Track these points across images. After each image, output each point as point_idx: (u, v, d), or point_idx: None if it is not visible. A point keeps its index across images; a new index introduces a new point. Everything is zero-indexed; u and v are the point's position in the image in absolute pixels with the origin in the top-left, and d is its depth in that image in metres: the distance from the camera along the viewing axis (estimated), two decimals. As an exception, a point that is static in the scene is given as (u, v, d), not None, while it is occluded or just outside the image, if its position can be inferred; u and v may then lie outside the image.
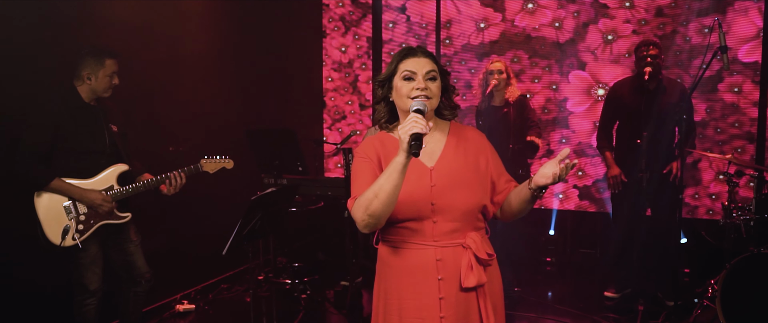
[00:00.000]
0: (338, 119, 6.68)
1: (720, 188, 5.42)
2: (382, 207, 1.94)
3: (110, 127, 3.43)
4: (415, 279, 2.10)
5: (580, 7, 5.71)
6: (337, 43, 6.60)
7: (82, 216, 3.31)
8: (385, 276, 2.17)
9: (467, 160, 2.14)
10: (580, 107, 5.83)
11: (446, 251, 2.08)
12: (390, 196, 1.93)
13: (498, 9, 5.97)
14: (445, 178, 2.09)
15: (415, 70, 2.09)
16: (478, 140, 2.21)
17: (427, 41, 6.25)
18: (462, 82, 6.18)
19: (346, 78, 6.62)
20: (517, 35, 5.94)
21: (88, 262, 3.33)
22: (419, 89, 2.05)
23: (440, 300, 2.08)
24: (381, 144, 2.16)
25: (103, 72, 3.35)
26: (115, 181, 3.41)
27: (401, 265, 2.11)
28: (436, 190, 2.07)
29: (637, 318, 4.24)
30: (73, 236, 3.27)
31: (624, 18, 5.58)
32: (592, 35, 5.70)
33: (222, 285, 5.16)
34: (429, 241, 2.08)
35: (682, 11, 5.40)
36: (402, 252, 2.11)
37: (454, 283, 2.08)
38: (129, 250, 3.54)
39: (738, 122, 5.32)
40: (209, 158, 3.66)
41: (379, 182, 1.93)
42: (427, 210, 2.06)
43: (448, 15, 6.14)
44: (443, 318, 2.07)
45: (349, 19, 6.53)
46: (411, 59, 2.12)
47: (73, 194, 3.28)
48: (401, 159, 1.90)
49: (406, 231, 2.09)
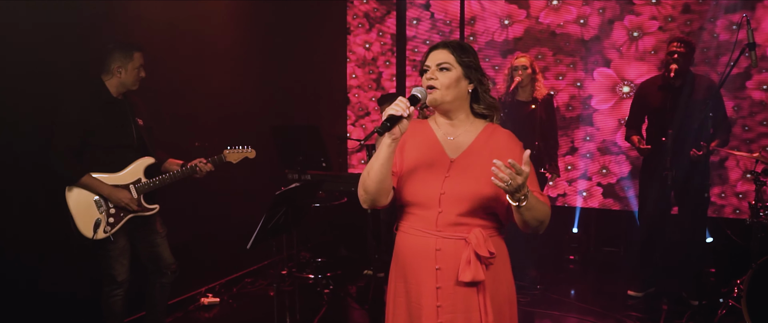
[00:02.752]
0: (362, 116, 6.71)
1: (747, 187, 5.35)
2: (372, 184, 2.08)
3: (136, 121, 3.50)
4: (415, 265, 2.15)
5: (605, 4, 5.67)
6: (361, 39, 6.63)
7: (112, 209, 3.39)
8: (395, 260, 2.26)
9: (483, 155, 2.13)
10: (604, 104, 5.79)
11: (448, 242, 2.10)
12: (377, 173, 2.05)
13: (522, 6, 5.95)
14: (461, 171, 2.11)
15: (430, 63, 2.17)
16: (510, 143, 2.18)
17: (451, 38, 6.24)
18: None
19: (370, 75, 6.65)
20: (541, 32, 5.92)
21: (117, 254, 3.41)
22: (428, 78, 2.14)
23: (437, 289, 2.11)
24: (415, 129, 2.23)
25: (132, 65, 3.42)
26: (142, 174, 3.49)
27: (406, 250, 2.18)
28: (448, 181, 2.10)
29: (661, 318, 4.21)
30: (105, 229, 3.35)
31: (650, 15, 5.53)
32: (617, 32, 5.65)
33: (246, 279, 5.23)
34: (432, 229, 2.11)
35: (709, 8, 5.33)
36: (408, 238, 2.18)
37: (452, 275, 2.10)
38: (155, 242, 3.60)
39: (766, 120, 5.25)
40: (232, 149, 3.73)
41: (371, 161, 2.08)
42: (435, 198, 2.09)
43: (472, 12, 6.13)
44: (439, 307, 2.11)
45: (374, 16, 6.56)
46: (431, 53, 2.20)
47: (102, 191, 3.35)
48: (386, 139, 2.02)
49: (412, 217, 2.16)
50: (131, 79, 3.44)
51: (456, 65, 2.14)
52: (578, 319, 4.45)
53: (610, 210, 5.89)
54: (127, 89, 3.47)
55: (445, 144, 2.18)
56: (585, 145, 5.88)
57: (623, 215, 5.84)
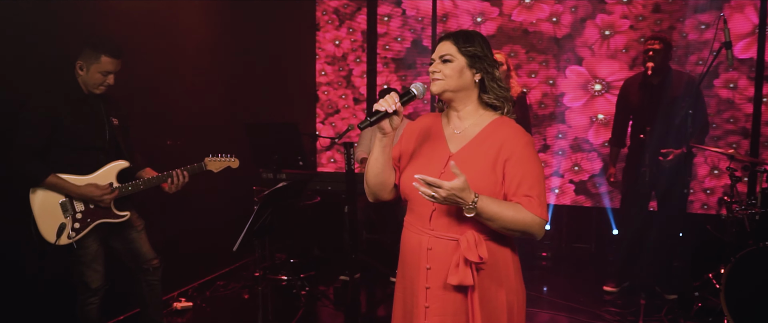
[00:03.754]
0: (331, 114, 6.61)
1: (714, 182, 5.48)
2: (370, 177, 2.14)
3: (111, 121, 3.28)
4: (412, 263, 2.12)
5: (577, 3, 5.71)
6: (331, 36, 6.53)
7: (78, 214, 3.18)
8: (399, 256, 2.24)
9: (488, 155, 2.05)
10: (576, 102, 5.84)
11: (439, 242, 2.04)
12: (373, 167, 2.11)
13: (495, 3, 5.95)
14: (458, 167, 1.99)
15: (434, 56, 2.13)
16: (511, 137, 2.07)
17: (423, 35, 6.21)
18: (458, 76, 6.15)
19: (340, 72, 6.55)
20: (514, 30, 5.93)
21: (89, 260, 3.22)
22: (432, 71, 2.11)
23: (427, 289, 2.06)
24: (425, 123, 2.22)
25: (96, 67, 3.16)
26: (114, 178, 3.28)
27: (405, 246, 2.17)
28: (444, 177, 2.01)
29: (640, 312, 4.25)
30: (68, 234, 3.15)
31: (621, 13, 5.60)
32: (589, 30, 5.71)
33: (218, 282, 5.07)
34: (425, 228, 2.07)
35: (679, 7, 5.43)
36: (407, 233, 2.17)
37: (441, 276, 2.04)
38: (131, 237, 3.40)
39: (733, 117, 5.38)
40: (214, 157, 3.53)
41: (369, 156, 2.10)
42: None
43: (444, 9, 6.10)
44: (427, 308, 2.06)
45: (344, 12, 6.46)
46: (437, 46, 2.15)
47: (70, 191, 3.14)
48: (378, 135, 2.05)
49: (411, 214, 2.14)
50: (92, 81, 3.18)
51: (458, 56, 2.08)
52: (559, 315, 4.46)
53: (582, 207, 5.95)
54: (89, 89, 3.21)
55: (449, 138, 2.13)
56: (557, 142, 5.92)
57: (594, 211, 5.90)
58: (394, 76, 6.34)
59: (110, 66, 3.18)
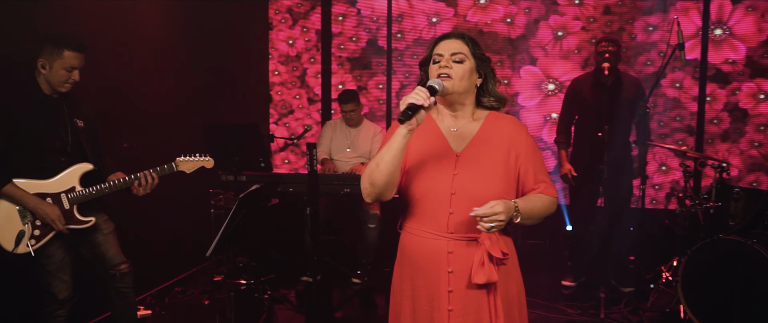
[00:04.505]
0: (285, 114, 6.52)
1: (662, 178, 5.69)
2: (382, 177, 2.00)
3: (75, 122, 3.12)
4: (427, 269, 2.09)
5: (531, 4, 5.83)
6: (284, 35, 6.43)
7: (38, 221, 3.01)
8: (400, 262, 2.19)
9: (496, 151, 2.09)
10: (531, 101, 5.96)
11: (460, 244, 2.05)
12: (388, 165, 1.97)
13: (450, 4, 6.00)
14: (469, 167, 2.05)
15: (442, 52, 2.09)
16: (514, 132, 2.13)
17: (378, 35, 6.21)
18: (414, 76, 6.18)
19: (294, 72, 6.47)
20: (469, 30, 5.99)
21: (54, 269, 3.05)
22: (442, 67, 2.06)
23: (449, 292, 2.05)
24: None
25: (59, 63, 3.00)
26: (77, 182, 3.12)
27: (415, 252, 2.11)
28: (458, 179, 2.04)
29: (601, 306, 4.37)
30: (28, 242, 2.98)
31: (573, 15, 5.74)
32: (542, 31, 5.83)
33: (176, 288, 4.92)
34: (443, 232, 2.05)
35: (628, 10, 5.62)
36: (417, 240, 2.10)
37: (464, 277, 2.04)
38: (96, 241, 3.22)
39: (679, 116, 5.60)
40: (185, 157, 3.38)
41: (381, 152, 1.99)
42: (445, 199, 2.03)
43: (399, 9, 6.11)
44: (451, 311, 2.05)
45: (297, 12, 6.38)
46: (442, 43, 2.12)
47: (27, 204, 2.97)
48: (401, 129, 1.95)
49: (422, 218, 2.08)
50: (56, 79, 3.02)
51: (470, 57, 2.09)
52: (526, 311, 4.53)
53: (536, 204, 6.07)
54: (53, 88, 3.06)
55: (448, 136, 2.12)
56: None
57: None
58: (349, 76, 6.31)
59: (74, 61, 3.03)
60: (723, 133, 5.53)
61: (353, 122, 5.30)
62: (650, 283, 4.77)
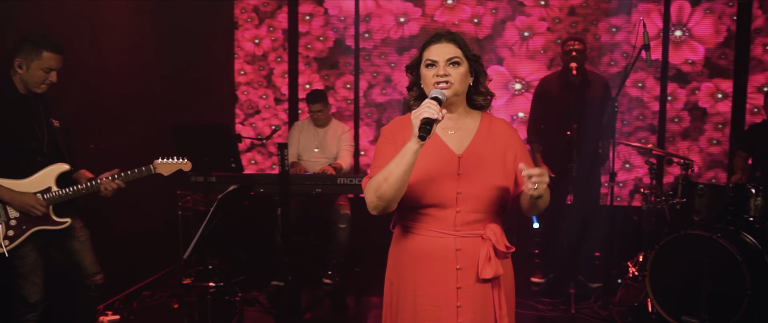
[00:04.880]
0: (252, 114, 6.44)
1: (626, 176, 5.83)
2: (391, 191, 1.97)
3: (50, 122, 3.07)
4: (433, 267, 2.09)
5: (498, 5, 5.90)
6: (250, 34, 6.36)
7: (12, 221, 2.95)
8: (401, 261, 2.16)
9: (495, 151, 2.12)
10: (498, 101, 6.03)
11: (466, 241, 2.07)
12: (399, 180, 1.95)
13: (418, 4, 6.03)
14: (472, 167, 2.08)
15: (437, 57, 2.09)
16: (508, 133, 2.19)
17: (346, 35, 6.19)
18: (382, 76, 6.18)
19: (261, 71, 6.39)
20: (437, 30, 6.01)
21: (26, 271, 2.97)
22: (440, 75, 2.05)
23: (458, 289, 2.08)
24: (404, 127, 2.14)
25: (37, 64, 2.96)
26: (53, 182, 3.07)
27: (419, 252, 2.11)
28: (462, 179, 2.06)
29: (571, 301, 4.45)
30: (2, 243, 2.90)
31: (539, 16, 5.83)
32: (509, 32, 5.90)
33: (143, 292, 4.81)
34: (450, 230, 2.07)
35: (592, 11, 5.73)
36: (421, 239, 2.11)
37: (471, 273, 2.08)
38: (73, 249, 3.18)
39: (642, 115, 5.74)
40: (163, 159, 3.36)
41: (390, 167, 1.95)
42: (452, 199, 2.05)
43: (367, 9, 6.11)
44: (460, 307, 2.08)
45: (263, 11, 6.31)
46: (433, 46, 2.12)
47: (2, 196, 2.92)
48: (412, 145, 1.92)
49: (427, 218, 2.08)
50: (34, 80, 2.98)
51: (464, 59, 2.12)
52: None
53: (504, 202, 6.14)
54: (30, 89, 3.01)
55: (446, 139, 2.13)
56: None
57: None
58: (316, 76, 6.28)
59: (53, 62, 2.99)
60: (683, 131, 5.69)
61: (321, 122, 5.28)
62: (617, 278, 4.88)
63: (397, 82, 6.14)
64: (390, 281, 2.21)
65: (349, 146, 5.28)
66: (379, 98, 6.21)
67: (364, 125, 6.26)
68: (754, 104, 5.51)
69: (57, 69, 3.03)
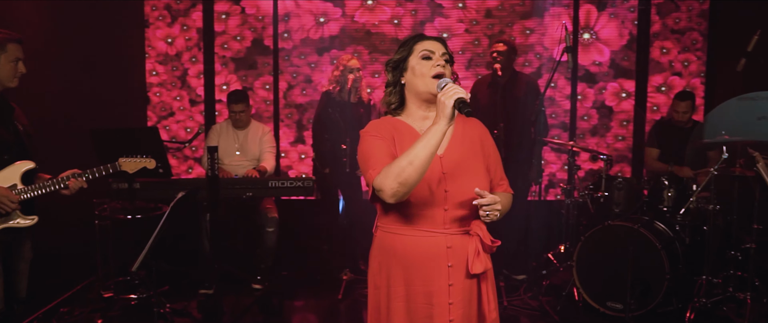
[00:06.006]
0: (165, 116, 6.16)
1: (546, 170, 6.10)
2: (416, 174, 1.93)
3: (14, 124, 3.03)
4: (425, 267, 2.11)
5: (417, 6, 5.99)
6: (162, 33, 6.08)
7: None
8: (387, 264, 2.16)
9: (473, 149, 2.18)
10: (418, 101, 6.12)
11: (455, 238, 2.12)
12: (424, 164, 1.93)
13: (337, 4, 6.01)
14: (454, 166, 2.12)
15: (435, 49, 2.13)
16: (482, 131, 2.26)
17: (264, 35, 6.07)
18: (302, 77, 6.11)
19: (174, 72, 6.13)
20: (357, 31, 6.04)
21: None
22: (439, 65, 2.10)
23: (449, 286, 2.12)
24: (392, 126, 2.16)
25: (5, 57, 2.95)
26: (18, 179, 2.98)
27: (410, 253, 2.12)
28: (448, 178, 2.09)
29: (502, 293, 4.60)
30: None
31: (457, 18, 5.99)
32: (428, 33, 5.97)
33: (61, 308, 4.48)
34: (439, 228, 2.10)
35: (507, 13, 5.96)
36: (411, 240, 2.12)
37: (461, 269, 2.12)
38: (18, 268, 3.05)
39: (554, 113, 6.05)
40: (128, 158, 3.33)
41: (414, 150, 1.93)
42: (440, 197, 2.08)
43: (286, 8, 6.02)
44: (452, 304, 2.11)
45: (176, 9, 6.05)
46: (427, 41, 2.16)
47: None
48: (442, 126, 1.92)
49: (416, 218, 2.10)
50: (6, 74, 2.95)
51: (450, 59, 2.16)
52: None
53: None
54: (4, 85, 2.93)
55: None
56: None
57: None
58: (234, 77, 6.11)
59: (18, 52, 3.00)
60: (592, 128, 6.05)
61: (242, 123, 5.15)
62: (541, 270, 5.10)
63: (318, 82, 6.09)
64: (376, 285, 2.20)
65: (271, 148, 5.19)
66: (299, 98, 6.14)
67: (284, 126, 6.17)
68: (654, 102, 5.96)
69: (22, 59, 3.03)
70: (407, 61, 2.15)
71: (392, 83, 2.21)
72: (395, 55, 2.20)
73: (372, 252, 2.23)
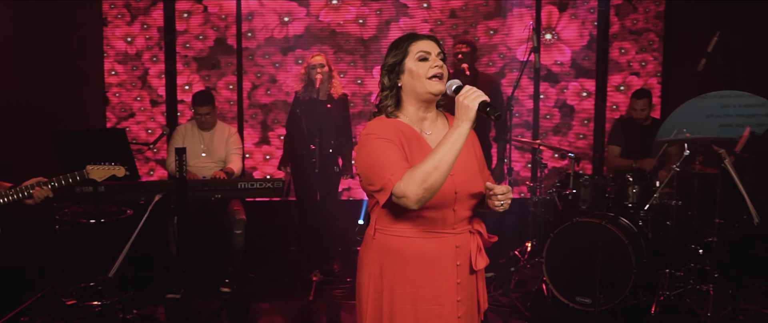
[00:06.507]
0: (125, 117, 6.01)
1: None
2: (442, 179, 1.93)
3: None
4: (435, 267, 2.12)
5: (382, 6, 6.00)
6: (121, 32, 5.92)
7: None
8: (391, 267, 2.13)
9: (468, 149, 2.18)
10: (384, 100, 6.13)
11: (461, 237, 2.15)
12: (449, 168, 1.94)
13: (302, 3, 5.97)
14: (459, 167, 2.10)
15: (430, 49, 2.12)
16: (474, 135, 2.25)
17: (227, 34, 5.98)
18: (266, 76, 6.05)
19: (134, 72, 5.98)
20: (322, 30, 6.01)
21: None
22: (437, 66, 2.09)
23: (458, 284, 2.14)
24: (396, 128, 2.12)
25: None
26: None
27: (420, 255, 2.11)
28: (456, 179, 2.08)
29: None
30: None
31: (422, 18, 6.02)
32: (393, 32, 6.03)
33: (21, 318, 4.32)
34: (449, 229, 2.12)
35: (471, 14, 6.02)
36: (420, 242, 2.11)
37: (466, 267, 2.17)
38: None
39: (518, 112, 6.14)
40: (96, 165, 3.17)
41: (439, 155, 1.92)
42: (450, 199, 2.08)
43: (250, 7, 5.94)
44: (460, 301, 2.15)
45: (136, 7, 5.91)
46: (421, 41, 2.15)
47: None
48: (464, 130, 1.94)
49: (425, 220, 2.09)
50: None
51: (444, 58, 2.17)
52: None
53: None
54: None
55: (429, 140, 2.16)
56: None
57: (402, 203, 6.26)
58: (196, 77, 6.00)
59: None
60: (554, 127, 6.17)
61: (207, 125, 5.07)
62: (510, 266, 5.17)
63: (282, 82, 6.04)
64: (376, 289, 2.15)
65: (238, 150, 5.12)
66: (264, 98, 6.08)
67: (248, 127, 6.09)
68: (613, 101, 6.12)
69: None
70: (403, 63, 2.13)
71: (388, 87, 2.18)
72: (389, 59, 2.17)
73: (368, 256, 2.18)
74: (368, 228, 2.22)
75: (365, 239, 2.23)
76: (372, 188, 2.05)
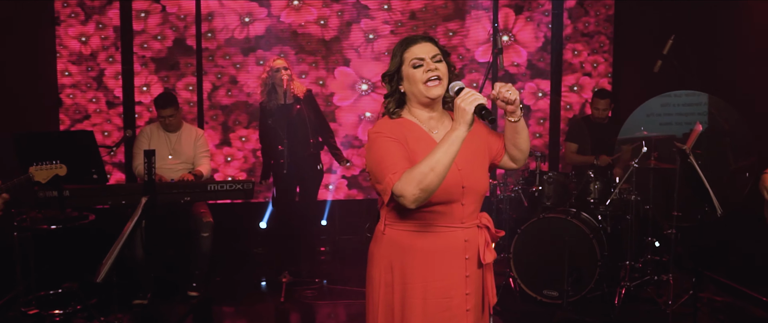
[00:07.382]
0: (80, 119, 5.82)
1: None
2: (437, 180, 1.98)
3: None
4: (444, 261, 2.17)
5: (343, 7, 6.04)
6: (75, 31, 5.74)
7: None
8: (402, 262, 2.18)
9: (474, 143, 2.23)
10: (345, 101, 6.18)
11: (469, 231, 2.20)
12: (445, 170, 1.98)
13: (263, 4, 5.94)
14: (465, 162, 2.17)
15: (422, 55, 2.15)
16: (479, 126, 2.28)
17: (187, 34, 5.89)
18: (226, 77, 5.99)
19: (89, 72, 5.81)
20: (283, 31, 6.00)
21: None
22: (431, 70, 2.13)
23: (466, 277, 2.20)
24: (403, 127, 2.17)
25: None
26: None
27: (428, 248, 2.16)
28: (463, 174, 2.15)
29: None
30: None
31: (383, 19, 6.09)
32: (354, 34, 6.08)
33: (-20, 328, 4.16)
34: (457, 223, 2.17)
35: (431, 15, 6.13)
36: (429, 236, 2.16)
37: (475, 260, 2.22)
38: None
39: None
40: (39, 166, 3.03)
41: (436, 157, 1.97)
42: (458, 193, 2.14)
43: (209, 7, 5.87)
44: (468, 294, 2.21)
45: (90, 6, 5.74)
46: (415, 46, 2.18)
47: None
48: (461, 133, 1.99)
49: (434, 215, 2.15)
50: None
51: (444, 57, 2.21)
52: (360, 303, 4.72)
53: (354, 200, 6.32)
54: None
55: (437, 139, 2.20)
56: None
57: (364, 203, 6.32)
58: (154, 77, 5.88)
59: None
60: (512, 126, 6.33)
61: (173, 127, 4.97)
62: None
63: (243, 83, 6.00)
64: (386, 283, 2.20)
65: (206, 152, 5.05)
66: (224, 99, 6.01)
67: (208, 128, 6.01)
68: (567, 101, 6.34)
69: None
70: (401, 71, 2.18)
71: (391, 94, 2.23)
72: (390, 67, 2.21)
73: (379, 251, 2.22)
74: (378, 224, 2.26)
75: (375, 234, 2.28)
76: (379, 187, 2.10)
